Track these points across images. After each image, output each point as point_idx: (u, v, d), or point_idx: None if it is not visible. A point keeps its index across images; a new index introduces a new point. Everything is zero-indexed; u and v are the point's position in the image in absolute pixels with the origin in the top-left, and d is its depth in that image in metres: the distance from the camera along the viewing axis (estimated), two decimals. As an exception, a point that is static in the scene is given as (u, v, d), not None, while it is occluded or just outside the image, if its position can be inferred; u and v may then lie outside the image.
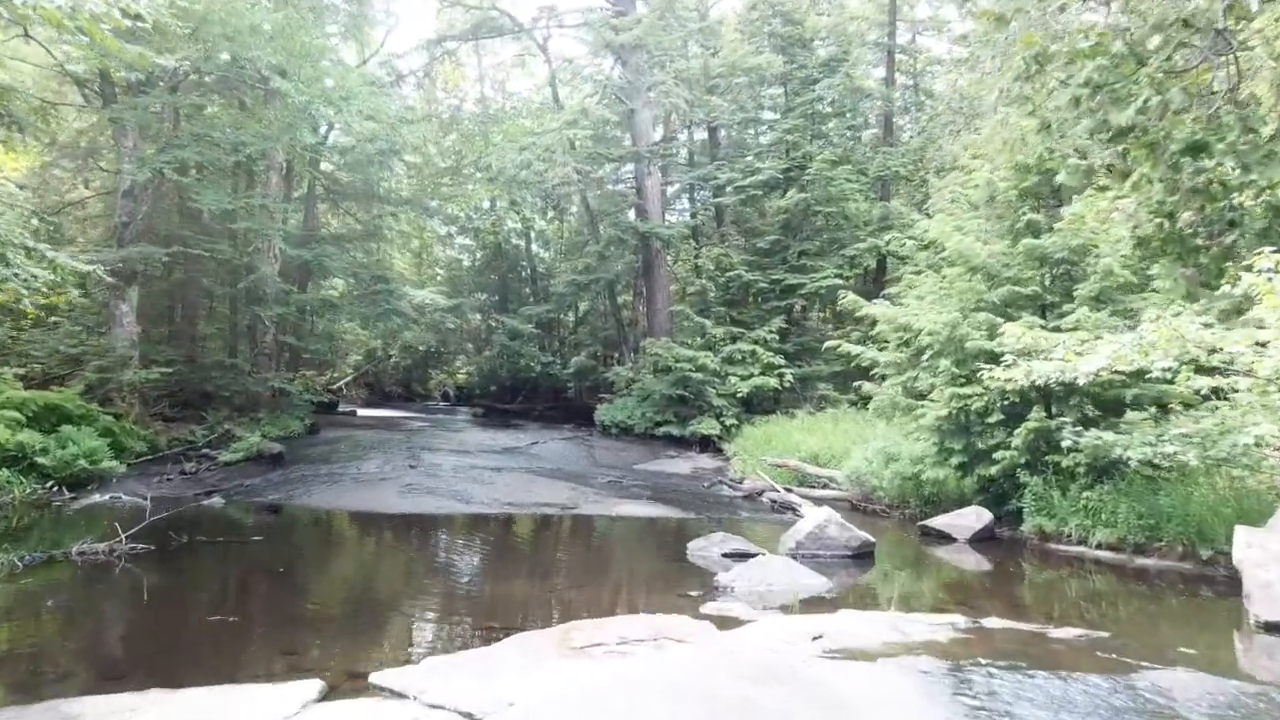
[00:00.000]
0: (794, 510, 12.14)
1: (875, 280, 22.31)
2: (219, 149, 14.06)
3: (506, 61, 29.15)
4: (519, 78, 32.37)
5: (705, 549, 8.95)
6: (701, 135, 26.94)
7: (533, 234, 30.28)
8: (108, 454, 13.02)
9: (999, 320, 10.42)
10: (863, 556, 9.00)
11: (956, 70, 22.36)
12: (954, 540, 10.00)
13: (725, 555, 8.75)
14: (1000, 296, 10.94)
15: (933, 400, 11.15)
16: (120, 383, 15.35)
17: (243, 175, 20.92)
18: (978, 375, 9.99)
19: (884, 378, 12.71)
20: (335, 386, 29.70)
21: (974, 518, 10.30)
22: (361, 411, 26.09)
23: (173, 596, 7.31)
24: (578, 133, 19.05)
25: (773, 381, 18.67)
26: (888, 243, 19.65)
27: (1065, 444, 9.14)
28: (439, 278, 33.33)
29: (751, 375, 18.87)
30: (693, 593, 7.00)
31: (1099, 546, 8.94)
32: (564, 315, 29.96)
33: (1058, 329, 9.90)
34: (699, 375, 18.59)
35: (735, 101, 22.38)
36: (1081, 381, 8.31)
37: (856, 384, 13.78)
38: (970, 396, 10.25)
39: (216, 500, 12.07)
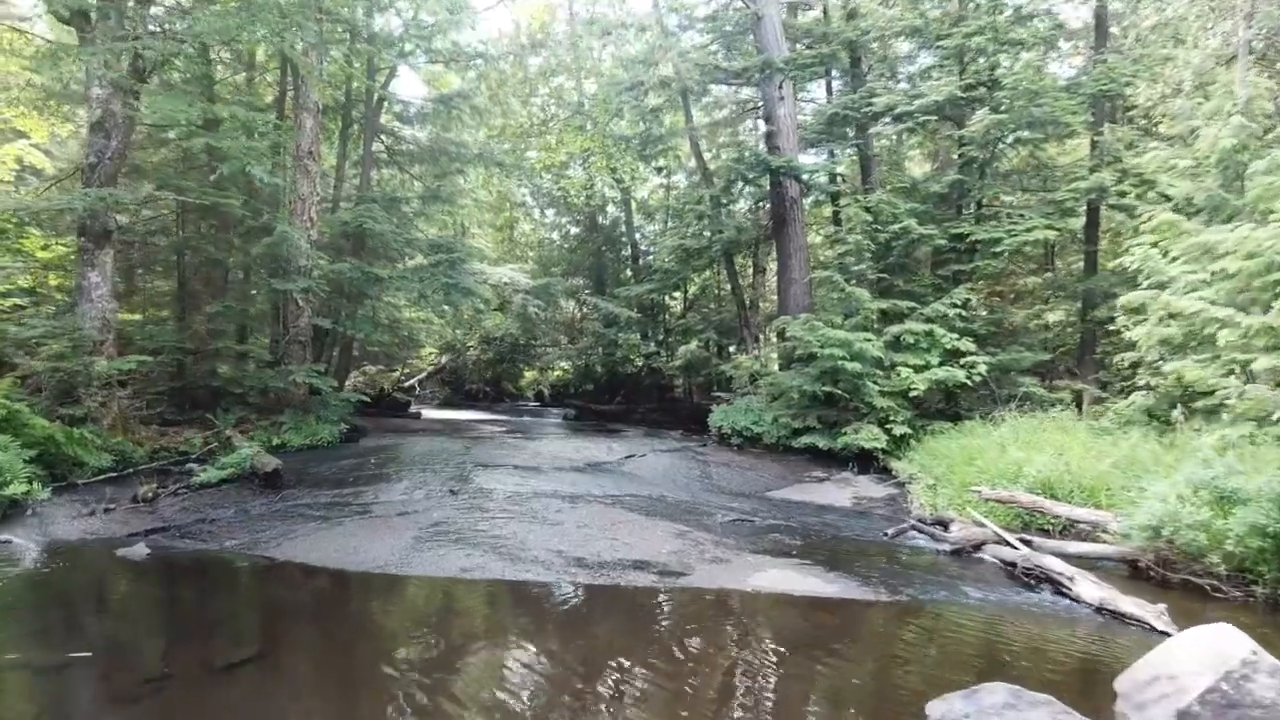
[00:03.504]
0: (1059, 586, 6.97)
1: (1086, 236, 16.50)
2: (182, 43, 10.16)
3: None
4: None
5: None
6: (835, 83, 21.45)
7: (633, 203, 25.50)
8: (22, 473, 9.21)
9: None
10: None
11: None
12: None
13: (1022, 748, 3.84)
14: None
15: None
16: (88, 375, 11.67)
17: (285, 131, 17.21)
18: None
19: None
20: (407, 384, 25.91)
21: None
22: (429, 413, 22.08)
23: None
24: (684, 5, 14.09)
25: (960, 374, 13.20)
26: (1121, 179, 13.97)
27: None
28: (530, 258, 29.02)
29: (929, 365, 13.45)
30: None
31: None
32: (669, 298, 24.99)
33: None
34: (854, 365, 13.27)
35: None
36: None
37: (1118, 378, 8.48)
38: None
39: (139, 549, 7.95)
